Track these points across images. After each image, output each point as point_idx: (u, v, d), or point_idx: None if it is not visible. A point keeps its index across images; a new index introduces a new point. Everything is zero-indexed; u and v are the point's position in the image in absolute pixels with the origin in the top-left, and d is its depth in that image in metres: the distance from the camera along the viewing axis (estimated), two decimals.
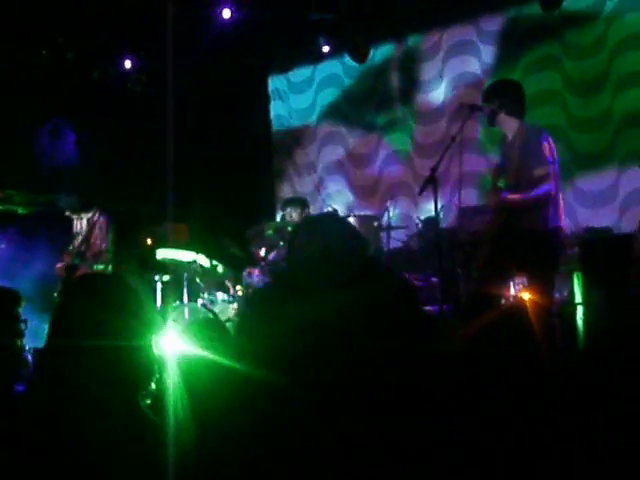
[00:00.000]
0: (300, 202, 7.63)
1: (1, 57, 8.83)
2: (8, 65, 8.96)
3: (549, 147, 5.62)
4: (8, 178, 8.85)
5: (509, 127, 5.78)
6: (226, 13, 8.95)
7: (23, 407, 2.59)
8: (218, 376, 3.31)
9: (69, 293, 2.61)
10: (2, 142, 8.81)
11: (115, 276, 2.67)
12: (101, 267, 7.28)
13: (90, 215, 7.50)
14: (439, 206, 5.89)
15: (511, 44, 8.93)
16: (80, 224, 7.63)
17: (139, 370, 2.46)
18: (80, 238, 7.37)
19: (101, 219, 7.41)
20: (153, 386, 2.66)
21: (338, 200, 9.78)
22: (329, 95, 10.59)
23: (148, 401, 2.52)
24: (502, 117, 5.76)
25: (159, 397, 2.90)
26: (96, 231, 7.37)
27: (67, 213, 7.61)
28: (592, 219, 7.90)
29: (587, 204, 8.21)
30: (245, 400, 2.52)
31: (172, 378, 3.68)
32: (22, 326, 3.63)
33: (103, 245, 7.43)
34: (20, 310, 3.63)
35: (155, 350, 2.50)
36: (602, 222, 7.73)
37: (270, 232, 7.09)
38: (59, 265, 7.32)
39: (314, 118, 10.72)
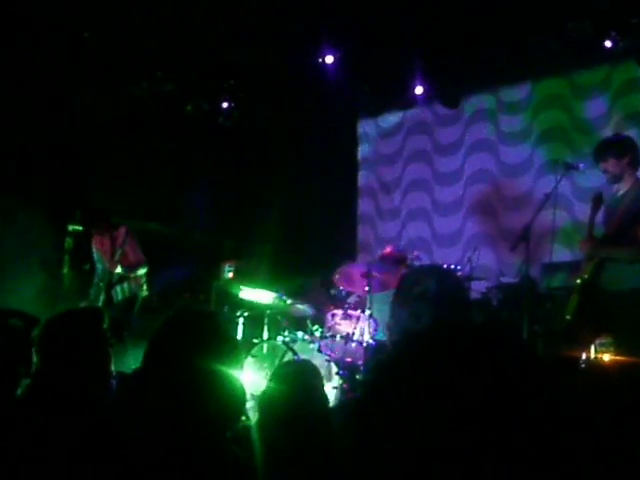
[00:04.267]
0: (399, 260, 7.62)
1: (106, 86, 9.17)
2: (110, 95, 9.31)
3: None
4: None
5: (625, 182, 5.61)
6: (329, 59, 9.15)
7: (111, 432, 2.67)
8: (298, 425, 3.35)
9: (163, 329, 2.69)
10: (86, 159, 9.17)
11: (209, 314, 2.74)
12: (144, 270, 7.97)
13: (114, 231, 7.96)
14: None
15: (605, 100, 8.88)
16: (102, 240, 8.09)
17: (229, 406, 2.52)
18: (117, 250, 7.80)
19: (123, 233, 7.92)
20: (239, 420, 2.73)
21: (419, 247, 9.78)
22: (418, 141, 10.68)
23: (229, 434, 2.58)
24: (626, 172, 5.59)
25: (244, 432, 2.96)
26: (126, 244, 7.84)
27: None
28: None
29: None
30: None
31: (251, 414, 3.74)
32: (109, 342, 3.69)
33: (138, 253, 7.96)
34: (105, 328, 3.68)
35: (239, 385, 2.56)
36: None
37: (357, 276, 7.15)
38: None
39: (401, 163, 10.82)
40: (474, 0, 7.93)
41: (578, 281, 5.62)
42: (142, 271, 7.98)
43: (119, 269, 7.76)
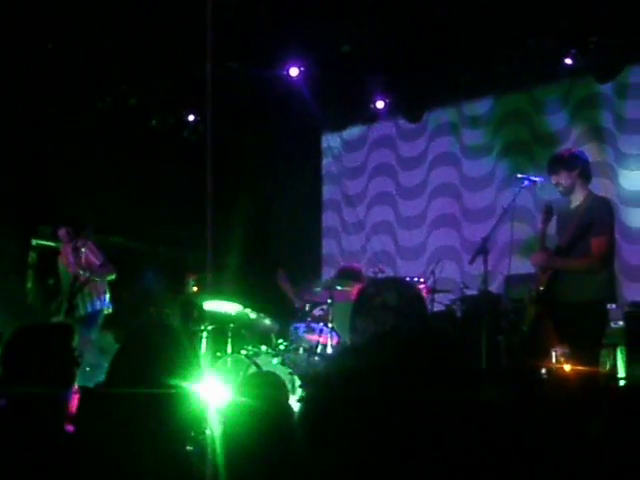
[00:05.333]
0: (354, 273, 7.64)
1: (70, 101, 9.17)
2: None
3: (612, 219, 5.67)
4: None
5: (577, 194, 5.73)
6: (293, 71, 9.15)
7: (74, 448, 2.67)
8: (264, 434, 3.37)
9: (126, 342, 2.72)
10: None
11: (166, 328, 2.77)
12: (112, 277, 8.04)
13: (75, 242, 7.88)
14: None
15: (565, 115, 9.03)
16: (66, 252, 8.04)
17: (186, 419, 2.54)
18: (80, 257, 7.77)
19: (88, 243, 7.86)
20: (200, 433, 2.74)
21: (384, 260, 9.85)
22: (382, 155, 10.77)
23: (190, 448, 2.60)
24: (577, 184, 5.70)
25: (203, 445, 2.98)
26: (87, 252, 7.80)
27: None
28: (637, 293, 7.86)
29: (633, 278, 8.19)
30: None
31: (215, 427, 3.75)
32: (77, 361, 3.69)
33: (101, 259, 7.94)
34: (74, 344, 3.69)
35: (200, 399, 2.58)
36: None
37: (319, 289, 7.17)
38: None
39: (365, 177, 10.89)
40: (436, 16, 8.02)
41: (533, 293, 5.71)
42: (110, 277, 7.95)
43: (81, 272, 7.72)
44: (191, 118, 10.34)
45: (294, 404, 5.95)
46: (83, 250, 7.72)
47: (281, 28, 8.24)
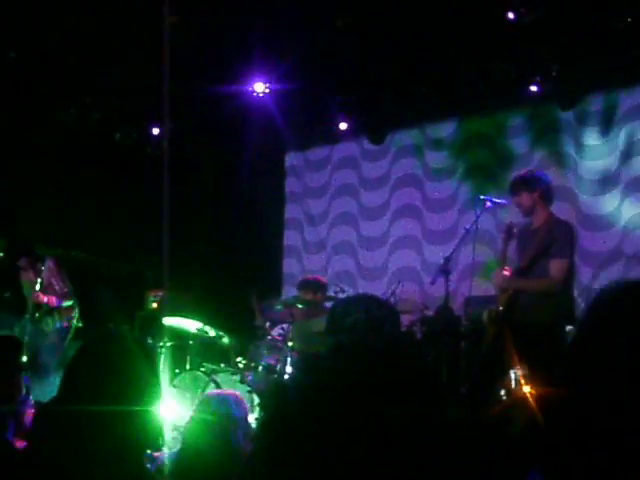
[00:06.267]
0: (318, 285, 7.63)
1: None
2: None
3: (573, 242, 5.76)
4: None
5: (538, 216, 5.80)
6: (259, 87, 9.13)
7: (24, 466, 2.62)
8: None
9: (78, 356, 2.66)
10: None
11: (122, 343, 2.71)
12: (70, 303, 7.76)
13: (38, 264, 7.73)
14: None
15: (527, 139, 9.13)
16: (29, 274, 7.83)
17: (143, 436, 2.49)
18: (41, 282, 7.58)
19: (50, 265, 7.70)
20: (158, 449, 2.71)
21: (345, 280, 9.84)
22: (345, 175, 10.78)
23: (148, 465, 2.56)
24: (538, 205, 5.78)
25: (161, 462, 2.93)
26: (48, 274, 7.65)
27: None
28: None
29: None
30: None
31: (173, 444, 3.73)
32: (23, 376, 3.63)
33: (63, 285, 7.76)
34: (22, 359, 3.63)
35: (158, 416, 2.53)
36: None
37: (279, 307, 7.14)
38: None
39: (328, 197, 10.90)
40: (400, 38, 8.08)
41: (493, 313, 5.74)
42: (67, 303, 7.80)
43: (45, 300, 7.61)
44: (155, 132, 10.27)
45: (252, 423, 5.92)
46: (41, 279, 7.61)
47: (246, 47, 8.25)
